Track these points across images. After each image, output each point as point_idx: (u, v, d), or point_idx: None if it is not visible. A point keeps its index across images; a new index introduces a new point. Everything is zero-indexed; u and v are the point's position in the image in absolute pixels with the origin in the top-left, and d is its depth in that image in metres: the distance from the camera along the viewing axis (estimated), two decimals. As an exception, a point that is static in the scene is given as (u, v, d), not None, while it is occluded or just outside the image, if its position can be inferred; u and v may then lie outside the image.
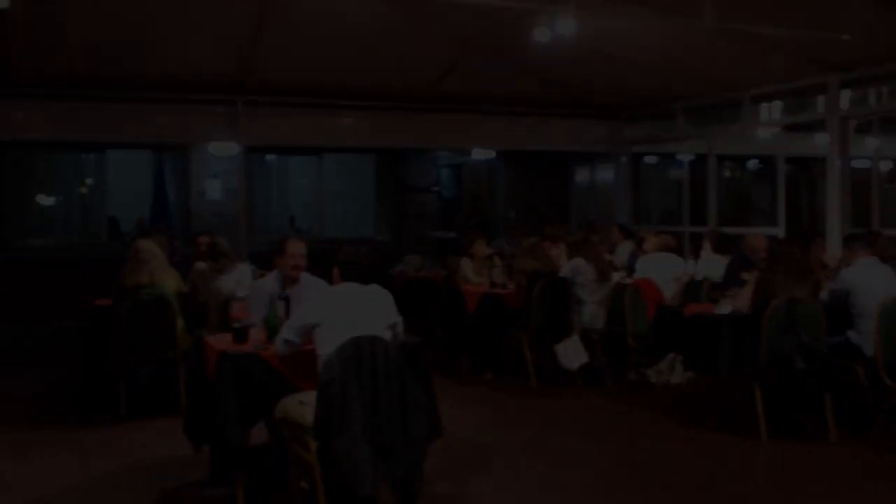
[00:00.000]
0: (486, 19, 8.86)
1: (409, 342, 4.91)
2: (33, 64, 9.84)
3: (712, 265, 8.56)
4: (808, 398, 6.34)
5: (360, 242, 13.20)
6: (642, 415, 7.13)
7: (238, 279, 6.89)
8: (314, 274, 5.71)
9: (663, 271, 8.48)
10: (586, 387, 8.01)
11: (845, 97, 9.82)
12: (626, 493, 5.28)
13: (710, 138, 12.30)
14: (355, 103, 11.97)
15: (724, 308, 6.62)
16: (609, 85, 11.66)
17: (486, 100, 12.46)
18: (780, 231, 10.61)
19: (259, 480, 5.06)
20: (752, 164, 18.76)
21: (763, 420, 6.12)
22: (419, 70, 10.87)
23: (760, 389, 6.13)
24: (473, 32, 9.66)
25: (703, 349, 6.50)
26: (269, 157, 16.08)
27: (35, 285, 11.49)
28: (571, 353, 8.02)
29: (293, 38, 9.43)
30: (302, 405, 4.47)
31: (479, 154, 15.05)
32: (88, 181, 14.95)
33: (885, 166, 14.35)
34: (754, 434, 6.13)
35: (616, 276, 8.63)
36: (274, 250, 5.84)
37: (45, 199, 14.90)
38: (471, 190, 17.27)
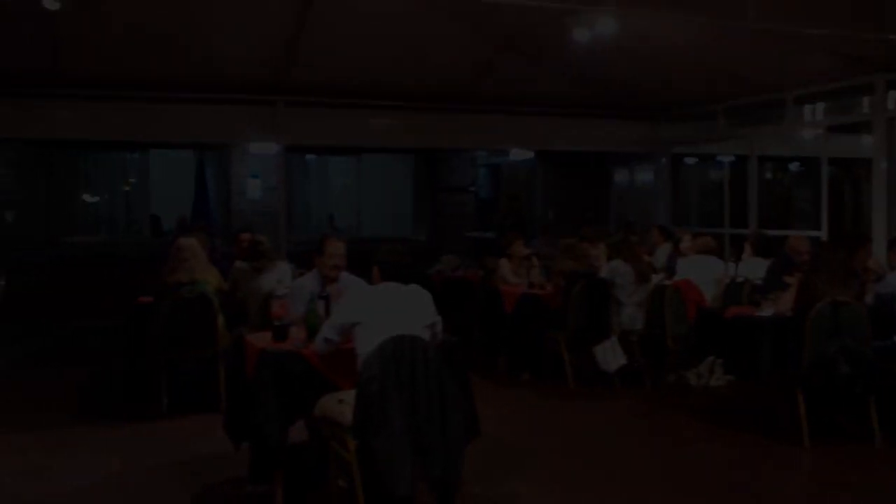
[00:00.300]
0: (525, 19, 8.84)
1: (447, 342, 4.91)
2: (80, 65, 9.99)
3: (753, 267, 8.47)
4: (852, 402, 6.26)
5: (398, 242, 13.24)
6: (681, 418, 7.07)
7: (278, 278, 6.94)
8: (353, 273, 5.74)
9: (703, 273, 8.39)
10: (624, 389, 7.96)
11: (892, 97, 9.67)
12: (663, 497, 5.23)
13: (751, 139, 12.16)
14: (394, 103, 12.01)
15: (766, 310, 6.55)
16: (649, 85, 11.59)
17: (525, 100, 12.43)
18: (823, 234, 10.47)
19: (298, 478, 5.09)
20: (794, 165, 18.53)
21: (805, 425, 6.03)
22: (457, 70, 10.88)
23: (803, 393, 6.04)
24: (512, 32, 9.64)
25: (744, 352, 6.43)
26: (309, 157, 16.18)
27: (80, 282, 11.67)
28: (610, 355, 7.99)
29: (333, 39, 9.47)
30: (341, 404, 4.49)
31: (517, 154, 15.03)
32: (132, 180, 15.15)
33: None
34: (796, 439, 6.05)
35: (656, 278, 8.57)
36: (313, 249, 5.87)
37: (90, 198, 15.12)
38: (508, 190, 17.26)
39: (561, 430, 6.79)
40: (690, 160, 16.80)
